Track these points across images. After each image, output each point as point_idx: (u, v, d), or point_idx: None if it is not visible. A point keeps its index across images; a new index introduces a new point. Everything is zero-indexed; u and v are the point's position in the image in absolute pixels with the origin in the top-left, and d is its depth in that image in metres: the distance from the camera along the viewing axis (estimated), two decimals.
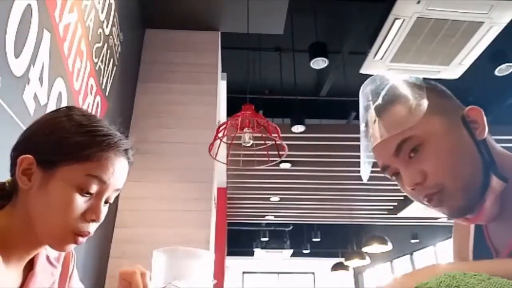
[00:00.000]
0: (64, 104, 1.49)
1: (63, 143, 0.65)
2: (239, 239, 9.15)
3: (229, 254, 7.72)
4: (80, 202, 0.65)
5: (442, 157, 0.68)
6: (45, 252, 0.74)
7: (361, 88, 0.80)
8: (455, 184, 0.68)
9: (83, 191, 0.65)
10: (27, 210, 0.65)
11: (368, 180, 0.83)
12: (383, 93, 0.75)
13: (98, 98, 1.94)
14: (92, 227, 0.68)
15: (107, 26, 2.01)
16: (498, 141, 0.74)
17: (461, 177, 0.68)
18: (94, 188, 0.66)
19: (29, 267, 0.70)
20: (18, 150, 0.67)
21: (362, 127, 0.78)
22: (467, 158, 0.69)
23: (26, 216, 0.65)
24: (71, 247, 0.67)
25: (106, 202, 0.70)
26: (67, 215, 0.64)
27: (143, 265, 0.73)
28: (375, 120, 0.74)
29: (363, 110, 0.78)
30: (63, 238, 0.65)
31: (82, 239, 0.67)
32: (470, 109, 0.72)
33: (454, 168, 0.68)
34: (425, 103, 0.70)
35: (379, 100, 0.75)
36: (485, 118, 0.71)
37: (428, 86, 0.74)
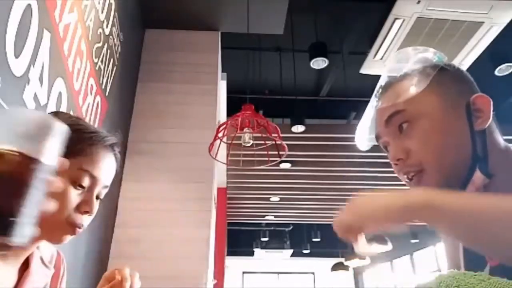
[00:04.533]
0: (64, 104, 1.50)
1: None
2: (239, 239, 9.15)
3: (229, 254, 7.72)
4: (74, 195, 0.68)
5: (429, 137, 0.67)
6: (39, 253, 0.75)
7: (388, 61, 0.81)
8: (436, 167, 0.67)
9: (76, 184, 0.68)
10: None
11: (368, 180, 0.83)
12: (404, 69, 0.74)
13: (98, 98, 1.94)
14: (86, 220, 0.70)
15: (107, 26, 2.01)
16: None
17: (443, 162, 0.66)
18: (86, 182, 0.69)
19: (24, 267, 0.71)
20: None
21: (376, 94, 0.78)
22: (456, 145, 0.67)
23: None
24: (68, 238, 0.70)
25: (97, 197, 0.72)
26: (62, 207, 0.66)
27: (142, 264, 0.73)
28: (383, 92, 0.75)
29: (380, 81, 0.78)
30: (59, 229, 0.68)
31: (78, 229, 0.69)
32: (477, 97, 0.69)
33: (438, 151, 0.66)
34: (426, 81, 0.69)
35: (395, 75, 0.75)
36: (491, 109, 0.69)
37: (445, 67, 0.72)
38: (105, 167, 0.72)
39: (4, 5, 1.06)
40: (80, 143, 0.69)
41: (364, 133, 0.80)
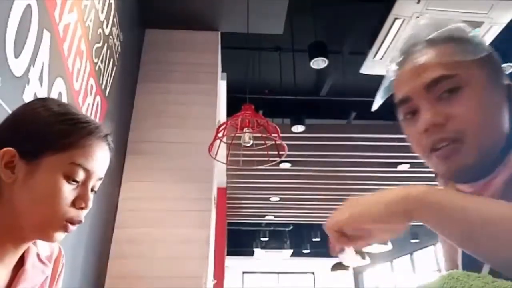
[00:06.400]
0: None
1: (45, 133, 0.66)
2: (239, 239, 9.15)
3: (229, 254, 7.72)
4: (68, 190, 0.65)
5: (478, 106, 0.60)
6: (36, 250, 0.73)
7: (416, 22, 0.70)
8: (477, 140, 0.59)
9: (70, 179, 0.66)
10: (12, 203, 0.64)
11: (368, 180, 0.79)
12: (444, 30, 0.66)
13: (98, 98, 1.93)
14: (82, 215, 0.68)
15: (107, 26, 2.01)
16: None
17: (486, 136, 0.59)
18: (80, 176, 0.67)
19: (19, 265, 0.69)
20: None
21: (408, 50, 0.67)
22: (500, 122, 0.61)
23: (12, 210, 0.64)
24: (62, 236, 0.67)
25: (91, 190, 0.70)
26: (57, 203, 0.64)
27: (142, 264, 0.73)
28: (421, 47, 0.65)
29: (407, 43, 0.68)
30: (53, 227, 0.65)
31: (72, 227, 0.67)
32: None
33: (484, 123, 0.60)
34: (483, 51, 0.63)
35: (435, 35, 0.65)
36: None
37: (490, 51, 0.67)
38: (99, 159, 0.69)
39: (4, 5, 1.05)
40: (71, 135, 0.66)
41: (379, 94, 0.71)
